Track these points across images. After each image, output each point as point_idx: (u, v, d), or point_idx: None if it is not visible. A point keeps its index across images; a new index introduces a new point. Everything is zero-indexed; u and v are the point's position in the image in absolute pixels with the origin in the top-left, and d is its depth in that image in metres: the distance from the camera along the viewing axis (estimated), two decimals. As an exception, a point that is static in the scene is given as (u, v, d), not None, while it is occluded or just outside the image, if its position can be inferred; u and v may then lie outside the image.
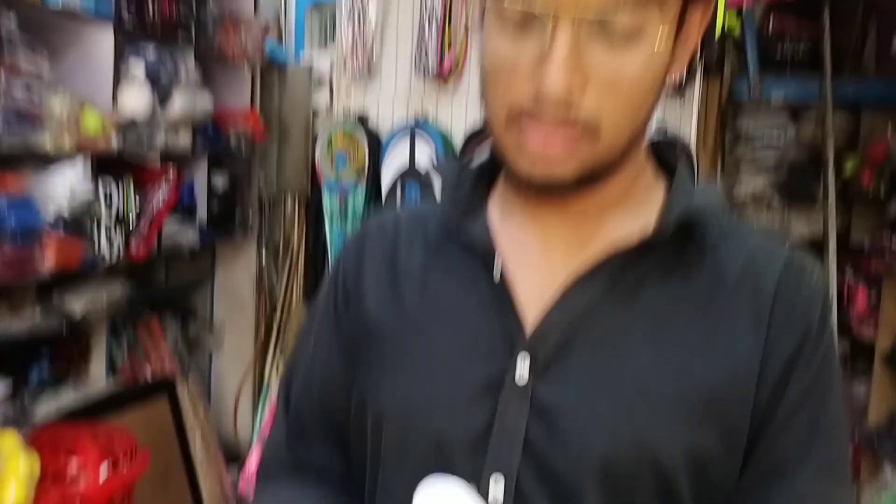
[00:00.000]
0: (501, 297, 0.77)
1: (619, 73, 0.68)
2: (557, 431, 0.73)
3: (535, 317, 0.76)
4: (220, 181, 3.33)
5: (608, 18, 0.66)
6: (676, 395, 0.72)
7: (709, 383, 0.73)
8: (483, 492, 0.74)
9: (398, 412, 0.78)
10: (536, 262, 0.79)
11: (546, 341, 0.75)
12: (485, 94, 0.74)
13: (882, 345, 3.01)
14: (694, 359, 0.73)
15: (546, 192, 0.75)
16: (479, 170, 0.84)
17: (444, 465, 0.75)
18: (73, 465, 2.27)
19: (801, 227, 3.47)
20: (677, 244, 0.77)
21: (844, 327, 3.25)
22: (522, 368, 0.74)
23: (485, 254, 0.79)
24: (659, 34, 0.69)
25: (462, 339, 0.77)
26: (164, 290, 3.44)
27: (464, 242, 0.80)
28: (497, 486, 0.74)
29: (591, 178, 0.74)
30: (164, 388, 3.11)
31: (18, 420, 2.31)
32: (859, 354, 3.37)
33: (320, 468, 0.88)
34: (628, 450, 0.72)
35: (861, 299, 3.17)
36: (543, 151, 0.71)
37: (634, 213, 0.79)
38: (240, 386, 3.63)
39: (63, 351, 2.82)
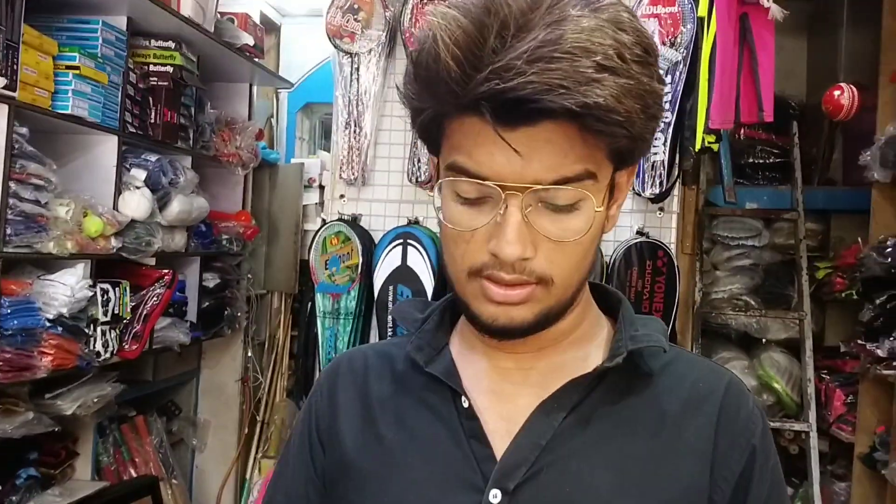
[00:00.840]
0: (471, 427, 0.83)
1: (564, 235, 0.77)
2: None
3: (503, 445, 0.82)
4: (211, 280, 3.38)
5: (552, 195, 0.75)
6: None
7: (663, 500, 0.80)
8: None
9: None
10: (499, 393, 0.85)
11: (516, 469, 0.81)
12: (445, 253, 0.82)
13: (860, 446, 3.08)
14: (650, 479, 0.80)
15: (507, 336, 0.81)
16: (441, 309, 0.92)
17: None
18: (63, 570, 2.25)
19: (777, 329, 3.57)
20: (626, 373, 0.84)
21: (822, 428, 3.32)
22: (495, 496, 0.80)
23: (452, 388, 0.85)
24: (594, 201, 0.77)
25: (437, 469, 0.83)
26: (151, 388, 3.44)
27: (431, 377, 0.86)
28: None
29: (547, 321, 0.81)
30: (148, 488, 3.09)
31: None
32: (839, 454, 3.43)
33: None
34: None
35: (838, 400, 3.24)
36: (504, 301, 0.78)
37: (585, 346, 0.87)
38: (222, 484, 3.61)
39: (51, 451, 2.80)
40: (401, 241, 2.70)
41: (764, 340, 3.57)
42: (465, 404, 0.84)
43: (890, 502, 2.76)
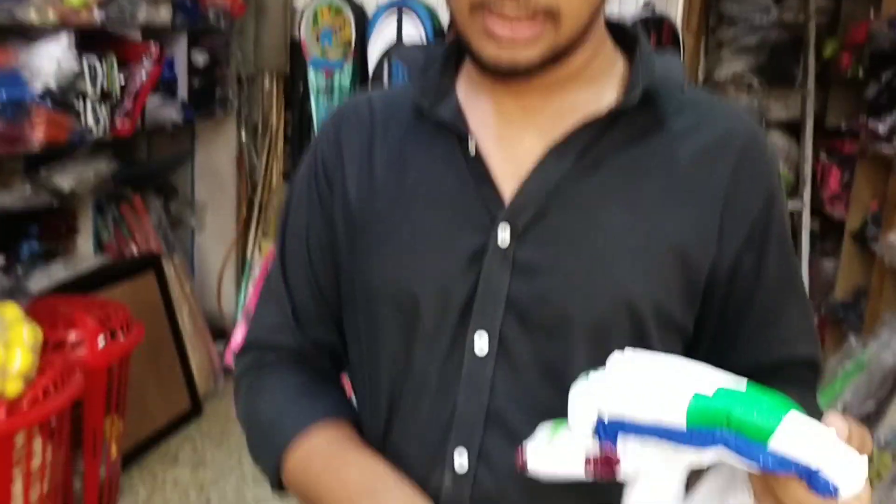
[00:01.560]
0: (478, 171, 0.82)
1: None
2: (539, 290, 0.79)
3: (511, 188, 0.81)
4: (200, 58, 3.29)
5: None
6: (646, 248, 0.79)
7: (675, 238, 0.80)
8: (470, 354, 0.80)
9: (387, 287, 0.83)
10: (507, 137, 0.83)
11: (524, 209, 0.80)
12: None
13: (852, 222, 3.12)
14: (661, 217, 0.80)
15: (512, 76, 0.78)
16: (446, 52, 0.87)
17: (433, 333, 0.81)
18: (73, 335, 2.33)
19: (778, 109, 3.53)
20: (641, 114, 0.81)
21: (816, 207, 3.36)
22: (503, 235, 0.79)
23: (457, 132, 0.83)
24: None
25: (444, 213, 0.82)
26: (146, 167, 3.43)
27: (436, 123, 0.84)
28: (481, 340, 0.80)
29: (554, 59, 0.77)
30: (151, 264, 3.15)
31: (14, 292, 2.35)
32: (829, 233, 3.49)
33: (315, 354, 0.92)
34: (607, 300, 0.78)
35: (834, 180, 3.26)
36: (509, 38, 0.74)
37: (597, 86, 0.83)
38: (223, 264, 3.68)
39: (51, 227, 2.83)
40: (395, 11, 2.59)
41: (764, 121, 3.54)
42: (472, 148, 0.82)
43: (876, 276, 2.84)
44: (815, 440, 0.53)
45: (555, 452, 0.63)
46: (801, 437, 0.53)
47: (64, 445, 2.22)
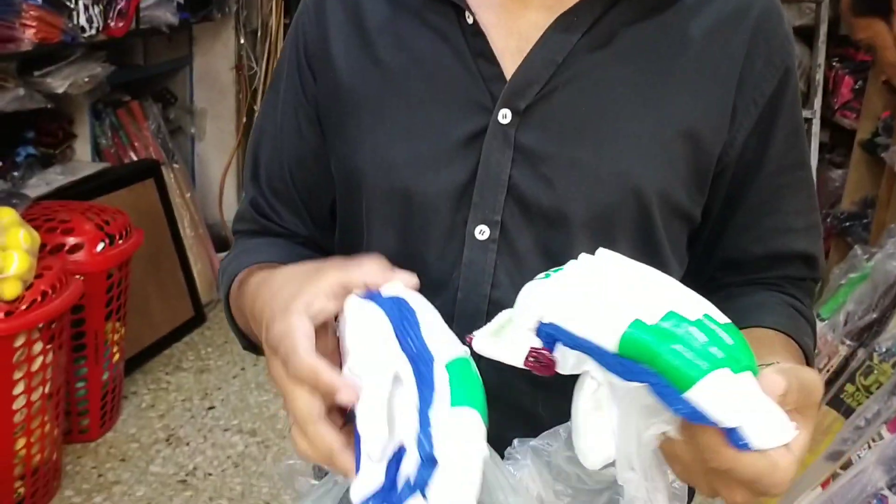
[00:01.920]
0: (477, 45, 0.76)
1: None
2: (541, 174, 0.75)
3: (513, 64, 0.75)
4: (196, -43, 3.18)
5: None
6: (655, 133, 0.75)
7: (684, 120, 0.75)
8: (470, 241, 0.76)
9: (379, 172, 0.78)
10: (509, 9, 0.77)
11: (527, 87, 0.75)
12: None
13: (862, 131, 3.06)
14: (670, 97, 0.75)
15: None
16: None
17: (430, 220, 0.77)
18: (71, 240, 2.31)
19: (792, 15, 3.42)
20: None
21: (826, 116, 3.29)
22: (504, 115, 0.75)
23: (454, 2, 0.77)
24: None
25: (441, 91, 0.77)
26: (143, 71, 3.36)
27: None
28: (482, 228, 0.76)
29: None
30: (150, 171, 3.11)
31: (11, 197, 2.32)
32: (838, 145, 3.43)
33: (289, 233, 0.89)
34: (612, 186, 0.74)
35: (845, 88, 3.18)
36: None
37: None
38: (224, 172, 3.64)
39: (48, 133, 2.79)
40: None
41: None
42: (470, 20, 0.76)
43: (884, 186, 2.79)
44: (736, 400, 0.49)
45: (499, 342, 0.60)
46: (722, 395, 0.49)
47: (65, 349, 2.23)
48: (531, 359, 0.58)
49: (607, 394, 0.57)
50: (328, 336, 0.60)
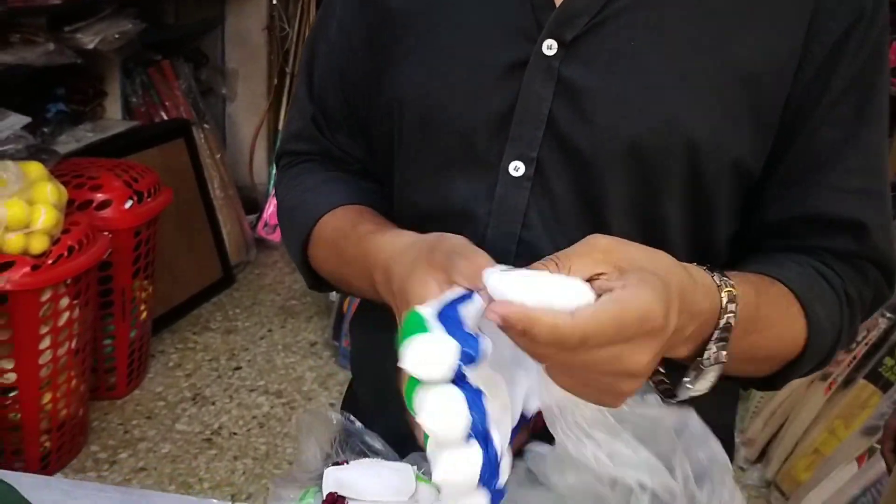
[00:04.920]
0: None
1: None
2: (584, 110, 0.70)
3: None
4: (229, -86, 3.14)
5: None
6: (711, 74, 0.69)
7: (745, 63, 0.69)
8: (504, 177, 0.73)
9: (417, 98, 0.75)
10: None
11: (576, 16, 0.70)
12: None
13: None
14: (731, 37, 0.69)
15: None
16: None
17: (464, 151, 0.74)
18: (99, 196, 2.30)
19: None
20: None
21: None
22: (549, 46, 0.70)
23: None
24: None
25: (488, 17, 0.73)
26: (174, 31, 3.34)
27: None
28: (517, 163, 0.72)
29: None
30: (180, 131, 3.10)
31: (41, 152, 2.31)
32: None
33: (343, 157, 0.87)
34: (658, 130, 0.69)
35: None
36: None
37: None
38: (254, 134, 3.62)
39: (79, 90, 2.78)
40: None
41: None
42: None
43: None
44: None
45: None
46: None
47: (91, 305, 2.23)
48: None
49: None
50: None
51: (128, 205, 2.34)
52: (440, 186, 0.75)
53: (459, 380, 0.52)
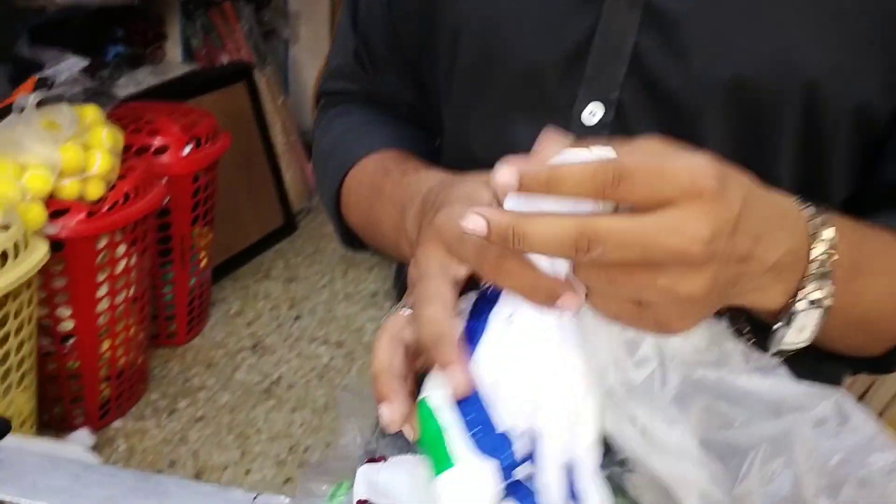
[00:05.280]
0: None
1: None
2: (676, 44, 0.58)
3: None
4: None
5: None
6: (843, 7, 0.56)
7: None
8: (576, 124, 0.61)
9: (478, 30, 0.64)
10: None
11: None
12: None
13: None
14: None
15: None
16: None
17: (529, 94, 0.63)
18: (157, 141, 2.25)
19: None
20: None
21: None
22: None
23: None
24: None
25: None
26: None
27: None
28: (593, 107, 0.61)
29: None
30: (242, 74, 3.03)
31: (99, 95, 2.27)
32: None
33: (389, 100, 0.77)
34: (767, 69, 0.57)
35: None
36: None
37: None
38: (318, 77, 3.54)
39: (138, 32, 2.73)
40: None
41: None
42: None
43: None
44: None
45: None
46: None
47: (150, 253, 2.19)
48: None
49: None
50: None
51: (186, 150, 2.29)
52: (500, 134, 0.65)
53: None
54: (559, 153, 0.45)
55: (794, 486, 0.43)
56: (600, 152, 0.44)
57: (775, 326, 0.51)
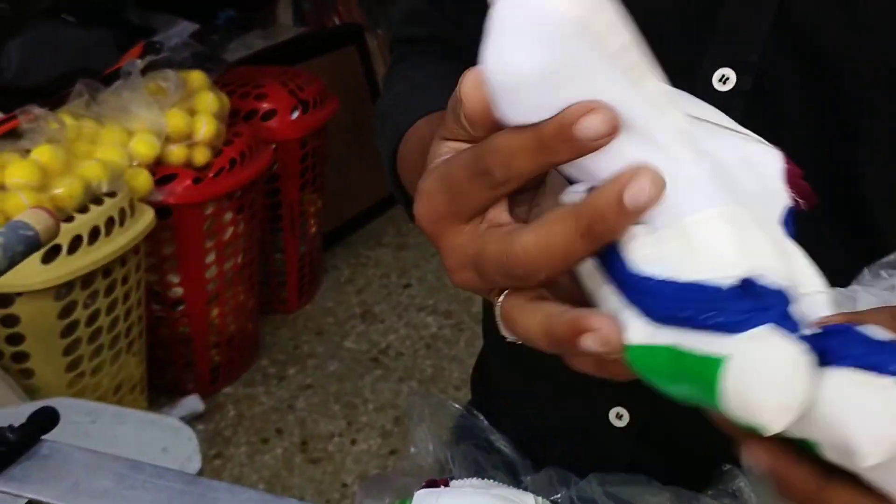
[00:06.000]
0: None
1: None
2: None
3: None
4: None
5: None
6: None
7: None
8: (705, 90, 0.50)
9: None
10: None
11: None
12: None
13: None
14: None
15: None
16: None
17: (656, 44, 0.51)
18: (265, 106, 2.22)
19: None
20: None
21: None
22: None
23: None
24: None
25: None
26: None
27: None
28: (725, 82, 0.50)
29: None
30: (353, 36, 2.97)
31: (208, 60, 2.25)
32: None
33: (469, 43, 0.66)
34: None
35: None
36: None
37: None
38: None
39: (248, -5, 2.71)
40: None
41: None
42: None
43: None
44: None
45: None
46: None
47: (258, 219, 2.17)
48: None
49: None
50: None
51: (294, 115, 2.25)
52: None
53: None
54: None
55: None
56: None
57: None
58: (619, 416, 0.57)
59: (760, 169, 0.36)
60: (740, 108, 0.50)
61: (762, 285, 0.30)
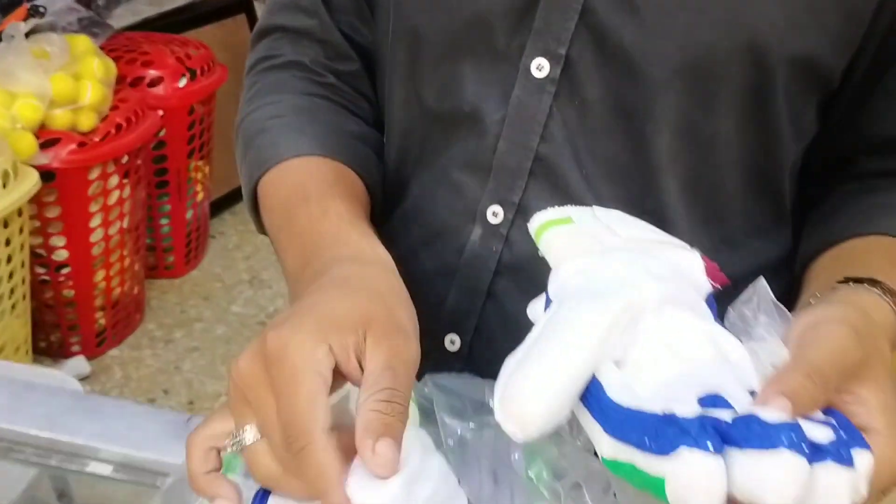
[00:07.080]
0: None
1: None
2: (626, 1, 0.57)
3: None
4: None
5: None
6: None
7: None
8: (523, 77, 0.60)
9: None
10: None
11: None
12: None
13: None
14: None
15: None
16: None
17: (476, 44, 0.62)
18: (151, 73, 2.24)
19: None
20: None
21: None
22: None
23: None
24: None
25: None
26: None
27: None
28: (540, 70, 0.60)
29: None
30: (242, 5, 2.99)
31: (93, 26, 2.25)
32: None
33: (346, 43, 0.72)
34: (717, 27, 0.56)
35: None
36: None
37: None
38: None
39: (135, -40, 2.69)
40: None
41: None
42: None
43: None
44: None
45: None
46: None
47: (143, 184, 2.20)
48: None
49: None
50: None
51: (181, 83, 2.28)
52: (448, 78, 0.63)
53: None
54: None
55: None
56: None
57: None
58: (451, 342, 0.68)
59: (688, 272, 0.48)
60: (552, 93, 0.60)
61: (681, 416, 0.39)
